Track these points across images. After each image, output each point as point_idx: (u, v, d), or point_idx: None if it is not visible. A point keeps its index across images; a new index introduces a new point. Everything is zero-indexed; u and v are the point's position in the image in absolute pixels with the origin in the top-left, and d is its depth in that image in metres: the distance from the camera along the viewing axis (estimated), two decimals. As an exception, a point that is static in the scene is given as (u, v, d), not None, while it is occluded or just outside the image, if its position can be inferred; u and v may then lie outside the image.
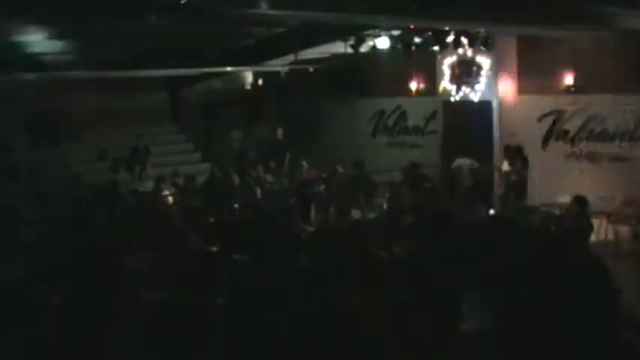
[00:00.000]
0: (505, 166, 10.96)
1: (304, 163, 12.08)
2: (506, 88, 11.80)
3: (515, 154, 10.91)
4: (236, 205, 9.90)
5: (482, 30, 10.93)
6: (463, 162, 11.16)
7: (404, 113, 13.82)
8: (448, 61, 12.10)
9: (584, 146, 10.93)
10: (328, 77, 14.46)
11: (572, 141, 11.02)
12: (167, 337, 3.48)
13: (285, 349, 1.54)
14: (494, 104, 11.82)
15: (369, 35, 11.46)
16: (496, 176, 11.29)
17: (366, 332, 1.59)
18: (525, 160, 10.80)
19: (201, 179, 11.88)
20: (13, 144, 13.73)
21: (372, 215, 9.43)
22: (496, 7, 8.06)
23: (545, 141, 11.33)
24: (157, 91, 16.46)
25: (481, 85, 11.82)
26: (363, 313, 1.59)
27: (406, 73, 13.30)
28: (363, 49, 11.83)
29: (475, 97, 11.91)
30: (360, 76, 13.91)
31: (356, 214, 9.17)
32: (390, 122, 14.02)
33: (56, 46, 11.74)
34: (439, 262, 5.12)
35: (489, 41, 11.26)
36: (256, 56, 14.27)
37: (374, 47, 12.03)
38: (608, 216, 9.53)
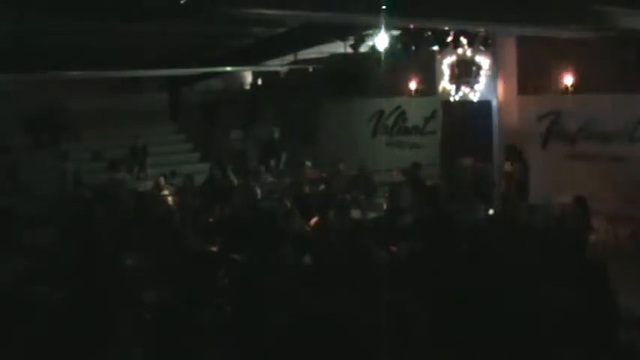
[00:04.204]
0: (506, 167, 10.96)
1: (308, 163, 12.08)
2: (506, 88, 11.79)
3: (516, 154, 10.91)
4: (236, 205, 9.86)
5: (482, 30, 10.92)
6: (466, 162, 11.16)
7: (403, 113, 13.81)
8: (448, 61, 12.12)
9: (584, 146, 10.91)
10: (328, 77, 14.46)
11: (572, 141, 11.01)
12: (166, 336, 3.48)
13: (285, 349, 1.54)
14: (494, 104, 11.82)
15: (368, 35, 11.44)
16: (496, 176, 11.29)
17: (365, 331, 1.60)
18: (525, 161, 10.80)
19: (200, 179, 11.86)
20: (12, 144, 13.73)
21: (372, 215, 9.42)
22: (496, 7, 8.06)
23: (545, 141, 11.32)
24: (157, 91, 16.47)
25: (481, 85, 11.83)
26: (362, 312, 1.59)
27: (406, 73, 13.30)
28: (363, 49, 11.82)
29: (475, 97, 11.92)
30: (360, 76, 13.91)
31: (356, 214, 9.15)
32: (390, 122, 14.01)
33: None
34: (439, 262, 5.12)
35: (489, 41, 11.26)
36: (256, 56, 14.27)
37: (374, 47, 12.01)
38: (608, 216, 9.52)
